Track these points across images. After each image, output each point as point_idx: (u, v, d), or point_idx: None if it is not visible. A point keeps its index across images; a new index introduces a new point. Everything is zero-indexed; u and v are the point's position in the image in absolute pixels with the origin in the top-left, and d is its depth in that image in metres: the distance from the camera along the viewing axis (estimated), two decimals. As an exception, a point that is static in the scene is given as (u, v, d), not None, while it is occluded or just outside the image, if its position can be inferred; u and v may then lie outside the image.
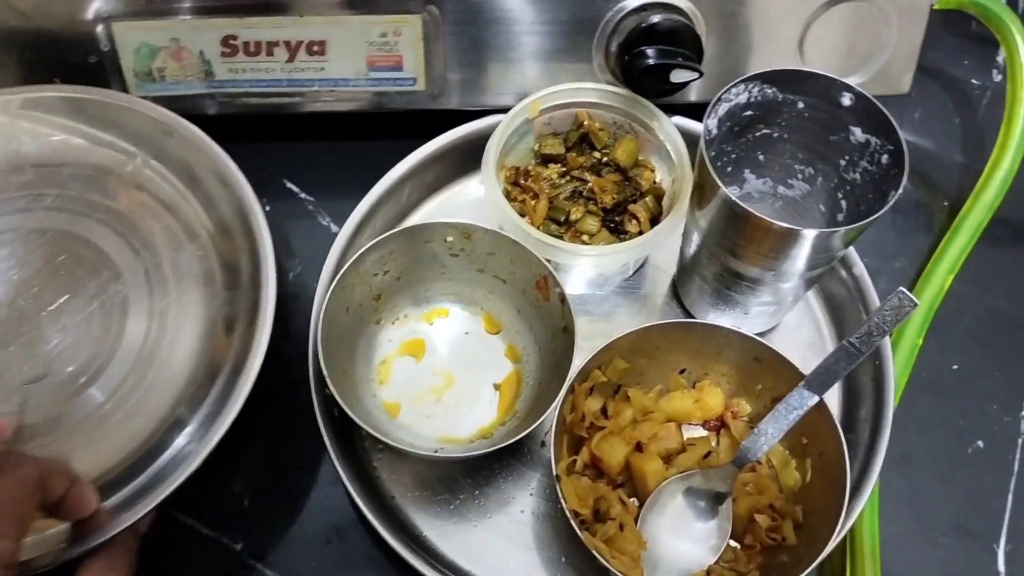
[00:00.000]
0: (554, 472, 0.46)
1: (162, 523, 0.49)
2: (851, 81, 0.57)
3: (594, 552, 0.44)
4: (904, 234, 0.60)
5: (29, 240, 0.50)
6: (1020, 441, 0.54)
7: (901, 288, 0.45)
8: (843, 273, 0.55)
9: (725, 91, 0.46)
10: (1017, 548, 0.51)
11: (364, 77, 0.56)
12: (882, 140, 0.46)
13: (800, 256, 0.46)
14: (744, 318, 0.54)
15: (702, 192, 0.48)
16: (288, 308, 0.55)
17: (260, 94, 0.57)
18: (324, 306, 0.48)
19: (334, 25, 0.54)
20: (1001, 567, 0.50)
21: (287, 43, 0.55)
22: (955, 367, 0.56)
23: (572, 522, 0.44)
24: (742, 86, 0.47)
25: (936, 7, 0.57)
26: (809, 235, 0.44)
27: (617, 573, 0.44)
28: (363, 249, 0.50)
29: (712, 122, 0.47)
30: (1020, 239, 0.61)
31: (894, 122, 0.45)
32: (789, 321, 0.57)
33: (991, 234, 0.59)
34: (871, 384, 0.52)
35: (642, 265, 0.59)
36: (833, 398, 0.54)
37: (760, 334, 0.55)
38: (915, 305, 0.45)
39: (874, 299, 0.54)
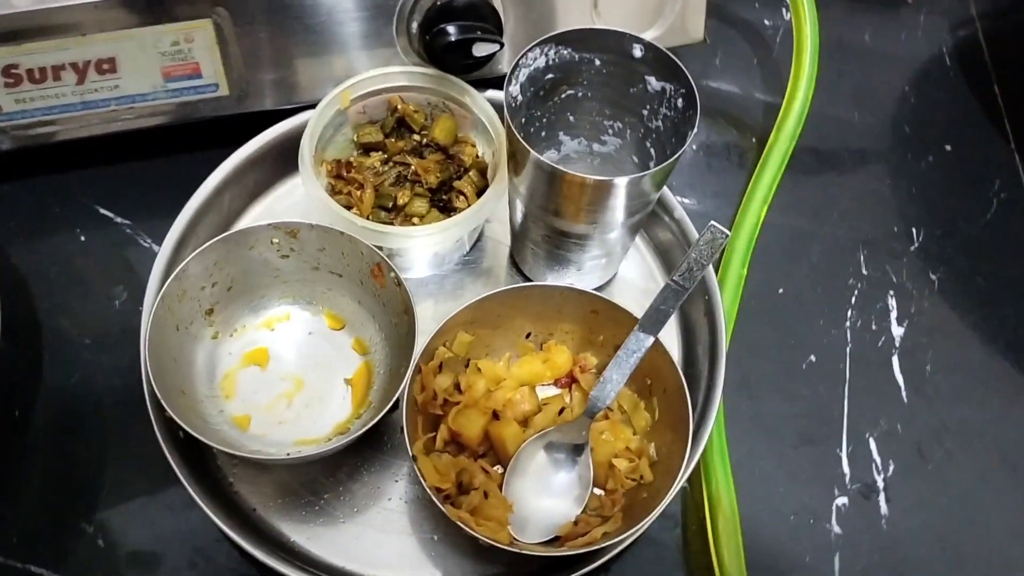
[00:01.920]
0: (410, 453, 0.46)
1: (11, 581, 0.47)
2: (648, 35, 0.59)
3: (459, 523, 0.44)
4: (719, 174, 0.63)
5: None
6: (848, 350, 0.57)
7: (712, 222, 0.47)
8: (666, 219, 0.58)
9: (522, 56, 0.47)
10: (857, 448, 0.54)
11: (162, 89, 0.54)
12: (675, 85, 0.48)
13: (617, 206, 0.48)
14: (579, 275, 0.55)
15: (515, 159, 0.49)
16: (115, 340, 0.53)
17: (53, 122, 0.54)
18: (148, 327, 0.46)
19: (121, 40, 0.52)
20: (846, 468, 0.54)
21: (73, 65, 0.52)
22: (780, 291, 0.59)
23: (434, 498, 0.44)
24: (538, 50, 0.48)
25: (716, -45, 0.60)
26: (620, 183, 0.46)
27: (484, 539, 0.44)
28: (183, 263, 0.49)
29: (515, 88, 0.48)
30: (820, 164, 0.65)
31: (682, 66, 0.47)
32: (624, 273, 0.58)
33: (796, 162, 0.62)
34: (704, 319, 0.54)
35: (478, 240, 0.59)
36: (672, 338, 0.56)
37: (598, 289, 0.57)
38: (727, 236, 0.47)
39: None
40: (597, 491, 0.50)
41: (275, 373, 0.53)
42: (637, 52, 0.49)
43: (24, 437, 0.51)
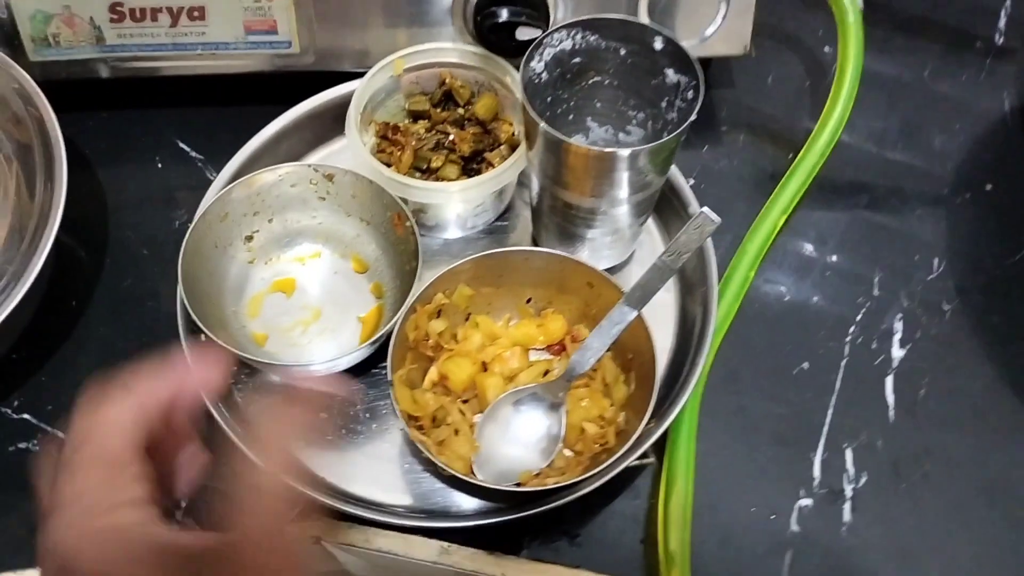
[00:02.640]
0: (389, 377, 0.50)
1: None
2: (693, 42, 0.63)
3: (419, 446, 0.48)
4: (751, 190, 0.65)
5: None
6: (843, 363, 0.58)
7: (704, 207, 0.50)
8: (683, 214, 0.60)
9: (547, 35, 0.52)
10: (832, 457, 0.55)
11: (243, 41, 0.62)
12: (688, 77, 0.51)
13: (619, 180, 0.51)
14: (590, 254, 0.58)
15: (528, 130, 0.53)
16: (168, 254, 0.60)
17: (148, 58, 0.62)
18: (189, 233, 0.53)
19: (212, -9, 0.59)
20: (816, 472, 0.54)
21: (169, 9, 0.60)
22: (786, 299, 0.61)
23: (400, 418, 0.48)
24: (564, 31, 0.52)
25: (770, -25, 0.63)
26: (618, 154, 0.49)
27: (442, 466, 0.48)
28: (229, 187, 0.55)
29: (538, 64, 0.52)
30: (851, 189, 0.66)
31: (694, 59, 0.50)
32: (641, 259, 0.61)
33: (827, 184, 0.64)
34: (699, 309, 0.57)
35: (507, 211, 0.63)
36: (669, 324, 0.58)
37: (611, 270, 0.60)
38: (716, 223, 0.50)
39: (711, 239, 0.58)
40: (567, 452, 0.53)
41: (297, 302, 0.59)
42: (658, 45, 0.52)
43: (75, 324, 0.58)
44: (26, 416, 0.55)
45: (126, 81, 0.64)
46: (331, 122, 0.64)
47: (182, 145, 0.66)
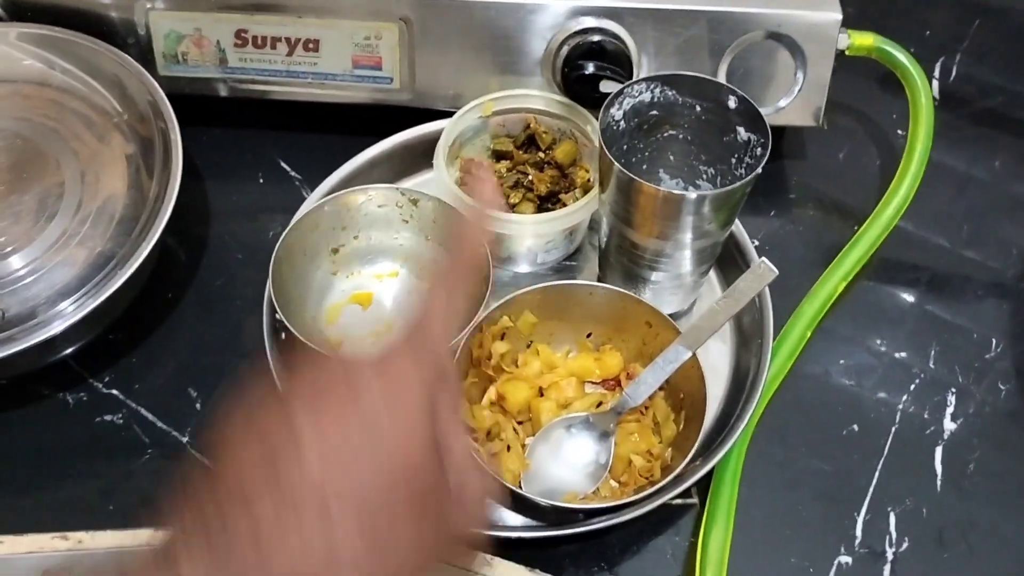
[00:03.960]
0: (450, 387, 0.53)
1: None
2: (768, 110, 0.66)
3: (472, 454, 0.50)
4: (809, 252, 0.67)
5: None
6: (893, 429, 0.59)
7: (763, 258, 0.53)
8: (745, 270, 0.63)
9: (627, 86, 0.55)
10: (876, 518, 0.55)
11: (349, 74, 0.67)
12: (758, 136, 0.54)
13: (684, 224, 0.54)
14: (653, 298, 0.61)
15: (603, 172, 0.56)
16: (260, 259, 0.64)
17: (264, 81, 0.68)
18: (282, 238, 0.57)
19: (327, 27, 0.65)
20: (858, 532, 0.55)
21: (287, 39, 0.66)
22: (841, 362, 0.62)
23: (457, 425, 0.51)
24: (644, 84, 0.56)
25: (848, 54, 0.66)
26: (684, 198, 0.52)
27: (491, 472, 0.50)
28: (321, 200, 0.60)
29: (617, 112, 0.56)
30: (915, 270, 0.67)
31: (764, 117, 0.53)
32: (701, 310, 0.63)
33: (890, 264, 0.66)
34: (754, 360, 0.58)
35: (576, 252, 0.67)
36: (723, 372, 0.60)
37: (671, 317, 0.62)
38: (774, 273, 0.52)
39: (769, 294, 0.60)
40: (612, 483, 0.55)
41: (373, 315, 0.62)
42: (732, 103, 0.55)
43: (169, 315, 0.63)
44: (114, 391, 0.59)
45: (240, 101, 0.70)
46: (420, 155, 0.68)
47: (283, 164, 0.71)
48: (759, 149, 0.54)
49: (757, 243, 0.67)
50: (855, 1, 0.65)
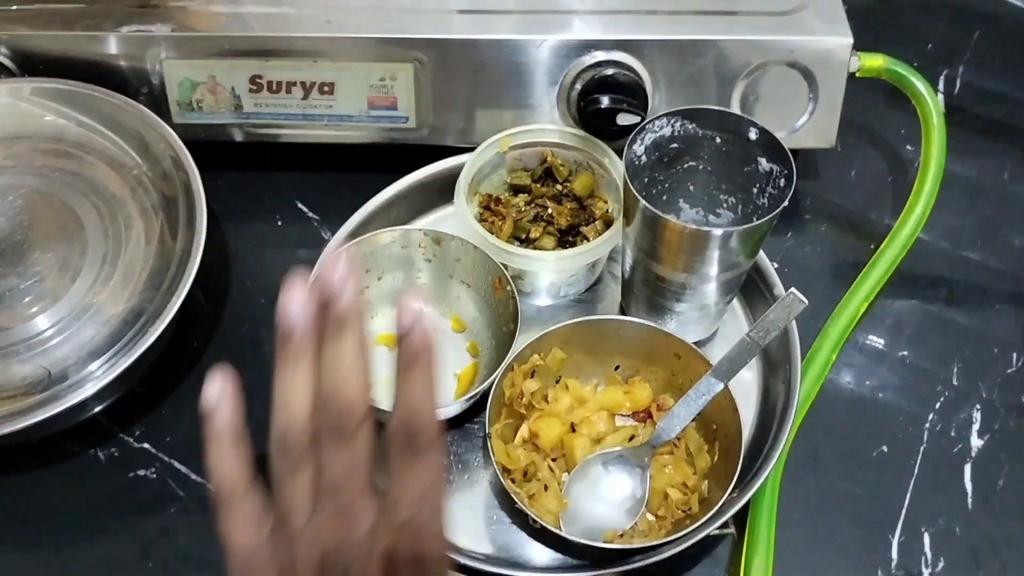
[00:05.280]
0: (486, 430, 0.53)
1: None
2: (782, 134, 0.66)
3: (512, 495, 0.51)
4: (827, 272, 0.68)
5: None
6: (922, 448, 0.59)
7: (793, 288, 0.53)
8: (767, 295, 0.63)
9: (649, 121, 0.56)
10: (910, 539, 0.56)
11: (365, 114, 0.67)
12: (780, 166, 0.55)
13: (709, 258, 0.54)
14: (677, 327, 0.61)
15: (628, 207, 0.56)
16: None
17: (279, 125, 0.68)
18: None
19: (342, 70, 0.65)
20: (894, 555, 0.55)
21: (303, 83, 0.66)
22: (867, 383, 0.63)
23: (496, 470, 0.51)
24: (664, 119, 0.56)
25: (858, 75, 0.67)
26: (710, 233, 0.52)
27: (533, 515, 0.51)
28: (348, 244, 0.60)
29: (639, 148, 0.56)
30: (931, 285, 0.68)
31: (787, 150, 0.54)
32: (725, 335, 0.64)
33: (905, 282, 0.66)
34: (782, 386, 0.59)
35: (596, 283, 0.67)
36: (751, 399, 0.61)
37: (695, 345, 0.62)
38: (804, 304, 0.53)
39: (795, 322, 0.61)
40: (649, 516, 0.56)
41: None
42: (752, 135, 0.56)
43: (196, 364, 0.63)
44: (146, 445, 0.60)
45: (255, 145, 0.70)
46: (437, 192, 0.69)
47: (301, 206, 0.72)
48: (782, 180, 0.55)
49: (776, 265, 0.67)
50: (855, 15, 0.66)
